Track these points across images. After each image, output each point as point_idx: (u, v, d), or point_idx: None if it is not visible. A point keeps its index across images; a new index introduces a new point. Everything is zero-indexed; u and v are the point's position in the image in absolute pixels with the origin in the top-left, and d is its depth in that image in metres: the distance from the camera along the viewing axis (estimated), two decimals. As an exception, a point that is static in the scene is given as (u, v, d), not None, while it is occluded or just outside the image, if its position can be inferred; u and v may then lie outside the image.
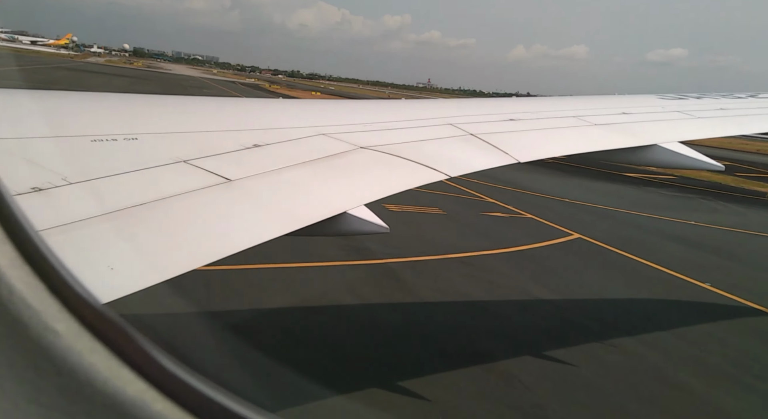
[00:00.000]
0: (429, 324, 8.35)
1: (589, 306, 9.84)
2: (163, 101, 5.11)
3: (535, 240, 13.29)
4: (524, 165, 4.54)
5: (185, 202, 2.77)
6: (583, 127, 5.67)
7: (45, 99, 4.29)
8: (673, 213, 18.70)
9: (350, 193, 3.40)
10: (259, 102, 6.35)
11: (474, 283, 10.22)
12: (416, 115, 5.34)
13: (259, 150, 3.64)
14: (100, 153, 3.09)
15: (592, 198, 20.12)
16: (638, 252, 13.36)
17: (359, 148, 4.04)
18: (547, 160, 4.94)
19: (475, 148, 4.58)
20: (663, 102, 7.12)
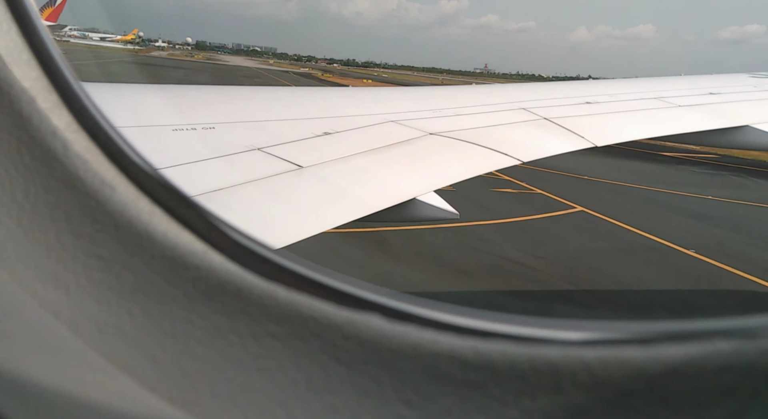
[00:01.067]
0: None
1: (549, 263, 10.52)
2: (238, 92, 5.31)
3: (536, 212, 13.90)
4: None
5: (260, 187, 2.90)
6: (665, 108, 5.49)
7: (130, 91, 4.60)
8: (693, 189, 18.64)
9: (420, 179, 3.44)
10: (330, 91, 6.49)
11: (454, 247, 11.09)
12: (487, 100, 5.31)
13: (329, 137, 3.74)
14: (180, 141, 3.28)
15: (614, 175, 20.23)
16: (636, 223, 13.72)
17: (429, 135, 4.07)
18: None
19: (548, 133, 4.56)
20: (755, 81, 6.79)
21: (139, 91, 4.71)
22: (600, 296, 9.28)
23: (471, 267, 10.05)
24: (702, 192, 18.46)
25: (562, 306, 8.72)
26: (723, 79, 7.16)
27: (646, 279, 10.19)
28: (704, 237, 13.02)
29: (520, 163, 3.95)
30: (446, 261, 10.34)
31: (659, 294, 9.48)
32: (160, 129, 3.39)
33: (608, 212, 14.76)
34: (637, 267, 10.96)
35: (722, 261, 11.02)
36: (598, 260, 11.13)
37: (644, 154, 27.68)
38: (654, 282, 10.10)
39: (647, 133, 5.11)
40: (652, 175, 21.98)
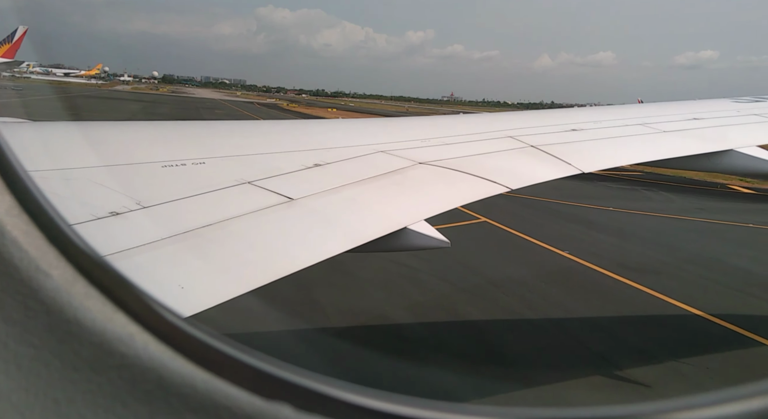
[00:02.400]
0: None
1: (431, 262, 11.62)
2: (229, 127, 5.41)
3: (441, 222, 15.20)
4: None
5: (250, 221, 2.94)
6: (650, 134, 5.63)
7: (120, 129, 4.69)
8: (599, 202, 20.16)
9: (410, 208, 3.52)
10: (319, 123, 6.61)
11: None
12: (474, 129, 5.44)
13: (319, 169, 3.82)
14: (170, 177, 3.32)
15: (530, 190, 21.67)
16: (527, 230, 15.08)
17: (418, 164, 4.18)
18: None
19: (536, 160, 4.67)
20: (738, 105, 6.98)
21: (128, 128, 4.78)
22: (460, 281, 10.47)
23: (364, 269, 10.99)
24: (605, 204, 19.93)
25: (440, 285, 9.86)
26: (706, 104, 7.31)
27: (510, 273, 11.45)
28: (584, 241, 14.43)
29: (509, 191, 4.03)
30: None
31: (509, 282, 10.69)
32: (149, 166, 3.44)
33: (508, 222, 16.03)
34: (507, 263, 12.29)
35: (587, 259, 12.42)
36: (476, 260, 12.39)
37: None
38: (515, 274, 11.39)
39: (633, 158, 5.17)
40: (569, 190, 23.48)
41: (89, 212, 2.64)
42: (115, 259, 2.26)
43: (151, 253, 2.44)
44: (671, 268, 12.36)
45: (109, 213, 2.69)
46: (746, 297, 10.75)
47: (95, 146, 3.75)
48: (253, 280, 2.47)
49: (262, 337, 7.55)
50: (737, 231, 16.93)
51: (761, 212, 19.99)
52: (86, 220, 2.57)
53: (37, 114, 36.99)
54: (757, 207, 21.44)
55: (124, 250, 2.38)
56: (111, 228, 2.58)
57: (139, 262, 2.35)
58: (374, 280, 10.54)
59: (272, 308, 8.21)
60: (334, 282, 9.96)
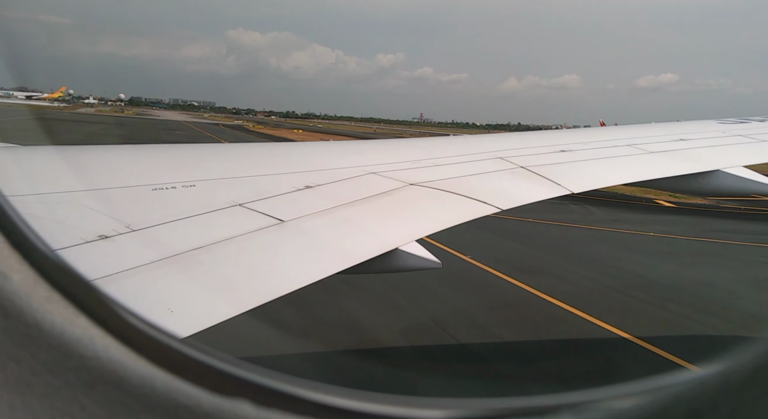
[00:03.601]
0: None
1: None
2: (219, 149, 5.49)
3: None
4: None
5: (240, 243, 2.97)
6: (638, 155, 5.76)
7: (110, 153, 4.73)
8: (521, 214, 21.53)
9: (402, 230, 3.57)
10: (311, 145, 6.69)
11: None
12: (464, 150, 5.55)
13: (311, 191, 3.88)
14: (160, 201, 3.36)
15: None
16: (439, 237, 16.32)
17: (409, 185, 4.25)
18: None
19: (525, 181, 4.76)
20: (723, 127, 7.16)
21: (118, 152, 4.82)
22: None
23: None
24: (528, 216, 21.27)
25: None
26: (692, 125, 7.51)
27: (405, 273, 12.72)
28: (492, 248, 15.72)
29: (500, 211, 4.11)
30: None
31: (399, 280, 11.79)
32: (138, 189, 3.49)
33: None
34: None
35: (486, 262, 13.70)
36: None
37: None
38: (409, 273, 12.65)
39: (622, 179, 5.28)
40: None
41: (78, 235, 2.65)
42: (104, 283, 2.28)
43: (140, 277, 2.45)
44: (559, 270, 13.81)
45: (98, 236, 2.69)
46: (617, 294, 12.20)
47: (83, 170, 3.77)
48: (243, 303, 2.49)
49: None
50: (636, 239, 18.64)
51: (669, 223, 21.76)
52: (75, 244, 2.58)
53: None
54: (668, 218, 23.21)
55: (113, 274, 2.38)
56: (100, 252, 2.59)
57: (128, 286, 2.36)
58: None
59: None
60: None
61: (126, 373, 0.74)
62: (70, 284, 0.82)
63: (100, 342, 0.76)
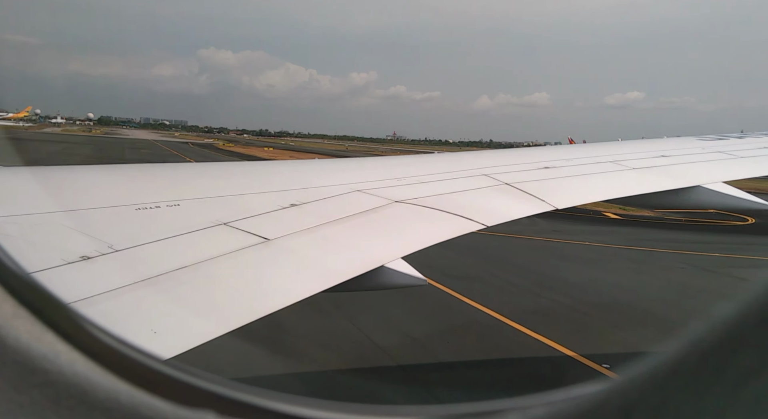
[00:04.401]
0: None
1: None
2: (204, 168, 5.51)
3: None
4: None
5: (225, 262, 2.98)
6: (621, 171, 5.91)
7: (94, 173, 4.73)
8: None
9: (387, 247, 3.61)
10: (296, 163, 6.75)
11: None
12: (449, 167, 5.65)
13: (296, 209, 3.91)
14: (144, 220, 3.37)
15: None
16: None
17: (394, 202, 4.29)
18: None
19: (510, 197, 4.82)
20: (702, 143, 7.37)
21: (101, 173, 4.82)
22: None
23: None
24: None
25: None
26: (673, 142, 7.68)
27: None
28: (427, 256, 16.64)
29: (485, 228, 4.15)
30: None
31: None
32: (122, 209, 3.49)
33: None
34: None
35: (417, 269, 14.63)
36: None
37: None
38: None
39: (605, 194, 5.35)
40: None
41: (60, 257, 2.64)
42: (86, 304, 2.29)
43: (123, 297, 2.45)
44: (486, 276, 14.81)
45: (80, 257, 2.68)
46: (531, 295, 13.26)
47: (65, 190, 3.78)
48: (227, 323, 2.49)
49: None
50: (571, 247, 19.76)
51: (607, 233, 23.06)
52: (57, 265, 2.58)
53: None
54: (608, 229, 24.51)
55: (96, 295, 2.38)
56: (82, 273, 2.58)
57: (111, 307, 2.36)
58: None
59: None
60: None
61: (91, 388, 0.74)
62: (37, 300, 0.83)
63: (65, 358, 0.76)
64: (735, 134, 8.06)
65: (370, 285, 3.40)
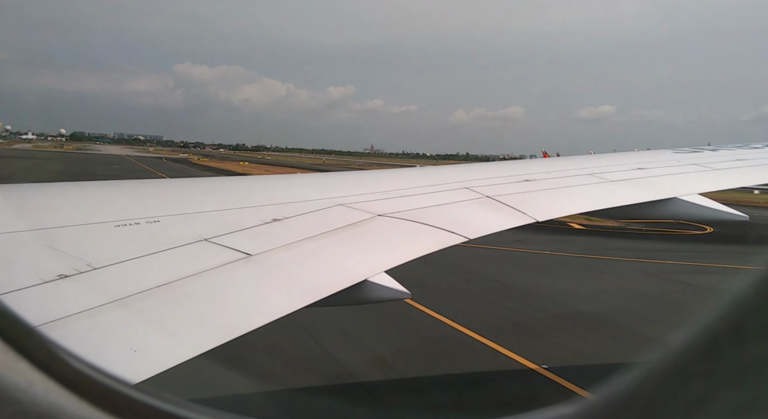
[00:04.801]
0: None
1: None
2: (184, 184, 5.49)
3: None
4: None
5: (207, 279, 2.96)
6: (599, 183, 6.02)
7: (72, 190, 4.70)
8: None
9: (370, 261, 3.61)
10: (278, 178, 6.72)
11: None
12: (431, 181, 5.69)
13: (278, 224, 3.91)
14: (123, 237, 3.34)
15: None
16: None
17: (377, 216, 4.32)
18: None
19: (492, 210, 4.89)
20: (678, 156, 7.53)
21: (80, 189, 4.82)
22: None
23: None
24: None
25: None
26: (649, 155, 7.93)
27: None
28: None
29: (467, 241, 4.22)
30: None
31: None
32: (101, 226, 3.45)
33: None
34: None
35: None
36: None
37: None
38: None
39: (585, 207, 5.43)
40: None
41: (36, 276, 2.61)
42: (64, 323, 2.28)
43: (102, 316, 2.42)
44: (444, 284, 15.23)
45: (58, 276, 2.65)
46: (481, 301, 13.72)
47: (42, 208, 3.74)
48: (209, 340, 2.47)
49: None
50: (530, 256, 20.39)
51: (568, 242, 23.78)
52: (33, 284, 2.55)
53: None
54: (569, 238, 25.33)
55: (73, 314, 2.35)
56: (59, 292, 2.56)
57: (88, 326, 2.34)
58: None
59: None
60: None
61: (65, 417, 0.73)
62: (8, 327, 0.81)
63: (39, 387, 0.74)
64: (708, 147, 8.28)
65: (353, 299, 3.40)
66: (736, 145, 8.32)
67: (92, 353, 2.07)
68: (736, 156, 7.57)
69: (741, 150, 7.97)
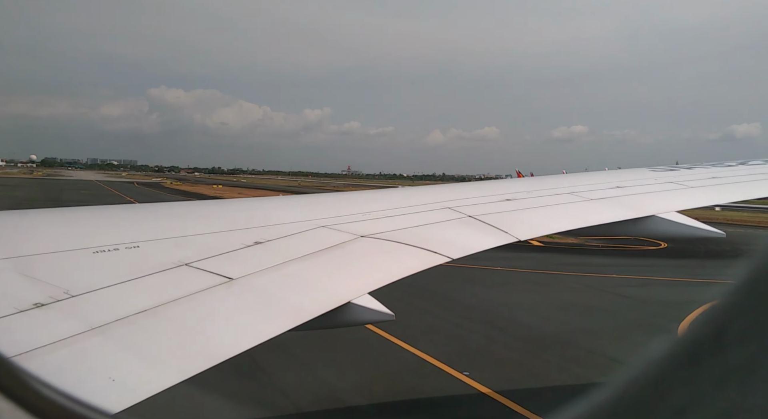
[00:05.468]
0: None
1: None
2: (164, 208, 5.47)
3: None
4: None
5: (187, 304, 2.95)
6: (579, 202, 6.13)
7: (47, 216, 4.64)
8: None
9: (354, 283, 3.61)
10: (260, 200, 6.74)
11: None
12: (414, 201, 5.73)
13: (260, 247, 3.90)
14: (101, 264, 3.31)
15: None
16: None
17: (360, 237, 4.33)
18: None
19: (474, 230, 4.92)
20: (655, 174, 7.70)
21: (58, 216, 4.75)
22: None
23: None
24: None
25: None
26: (627, 173, 8.05)
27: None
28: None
29: (450, 261, 4.25)
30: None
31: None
32: (78, 253, 3.42)
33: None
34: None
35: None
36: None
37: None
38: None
39: (566, 225, 5.48)
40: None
41: (11, 305, 2.59)
42: (39, 354, 2.26)
43: (79, 345, 2.39)
44: (384, 297, 15.84)
45: (33, 305, 2.63)
46: (425, 314, 14.39)
47: (14, 235, 3.71)
48: (190, 367, 2.45)
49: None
50: (484, 273, 21.15)
51: (523, 259, 24.67)
52: (8, 314, 2.53)
53: None
54: (525, 255, 26.11)
55: (50, 344, 2.33)
56: (35, 321, 2.54)
57: (65, 355, 2.31)
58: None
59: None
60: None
61: None
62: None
63: (8, 417, 0.72)
64: (684, 165, 8.46)
65: (337, 322, 3.39)
66: (711, 163, 8.54)
67: (70, 383, 2.07)
68: (710, 174, 7.74)
69: (715, 168, 8.15)
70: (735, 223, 42.81)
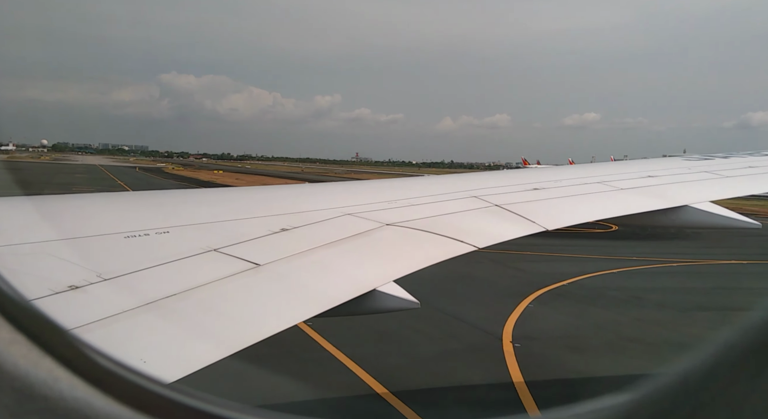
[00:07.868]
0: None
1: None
2: (194, 194, 5.62)
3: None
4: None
5: (215, 289, 3.04)
6: (609, 191, 6.11)
7: (81, 201, 4.80)
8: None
9: (379, 270, 3.68)
10: (287, 188, 6.82)
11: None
12: (439, 189, 5.80)
13: (286, 233, 4.00)
14: (133, 248, 3.44)
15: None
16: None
17: (385, 225, 4.40)
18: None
19: (501, 219, 4.96)
20: (689, 163, 7.66)
21: (89, 201, 4.94)
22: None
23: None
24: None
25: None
26: (659, 162, 8.01)
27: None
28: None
29: (475, 250, 4.27)
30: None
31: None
32: (111, 237, 3.57)
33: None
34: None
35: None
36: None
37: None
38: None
39: (595, 215, 5.50)
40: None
41: (47, 287, 2.70)
42: (78, 333, 2.35)
43: (111, 327, 2.49)
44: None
45: (68, 287, 2.72)
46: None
47: (51, 219, 3.87)
48: (218, 351, 2.54)
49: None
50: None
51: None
52: (44, 295, 2.63)
53: None
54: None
55: (84, 325, 2.43)
56: (70, 303, 2.64)
57: (99, 336, 2.41)
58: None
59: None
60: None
61: (93, 413, 0.76)
62: (34, 326, 0.84)
63: (65, 383, 0.77)
64: (720, 154, 8.41)
65: (362, 309, 3.47)
66: (748, 153, 8.49)
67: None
68: (747, 163, 7.68)
69: (753, 157, 8.11)
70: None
